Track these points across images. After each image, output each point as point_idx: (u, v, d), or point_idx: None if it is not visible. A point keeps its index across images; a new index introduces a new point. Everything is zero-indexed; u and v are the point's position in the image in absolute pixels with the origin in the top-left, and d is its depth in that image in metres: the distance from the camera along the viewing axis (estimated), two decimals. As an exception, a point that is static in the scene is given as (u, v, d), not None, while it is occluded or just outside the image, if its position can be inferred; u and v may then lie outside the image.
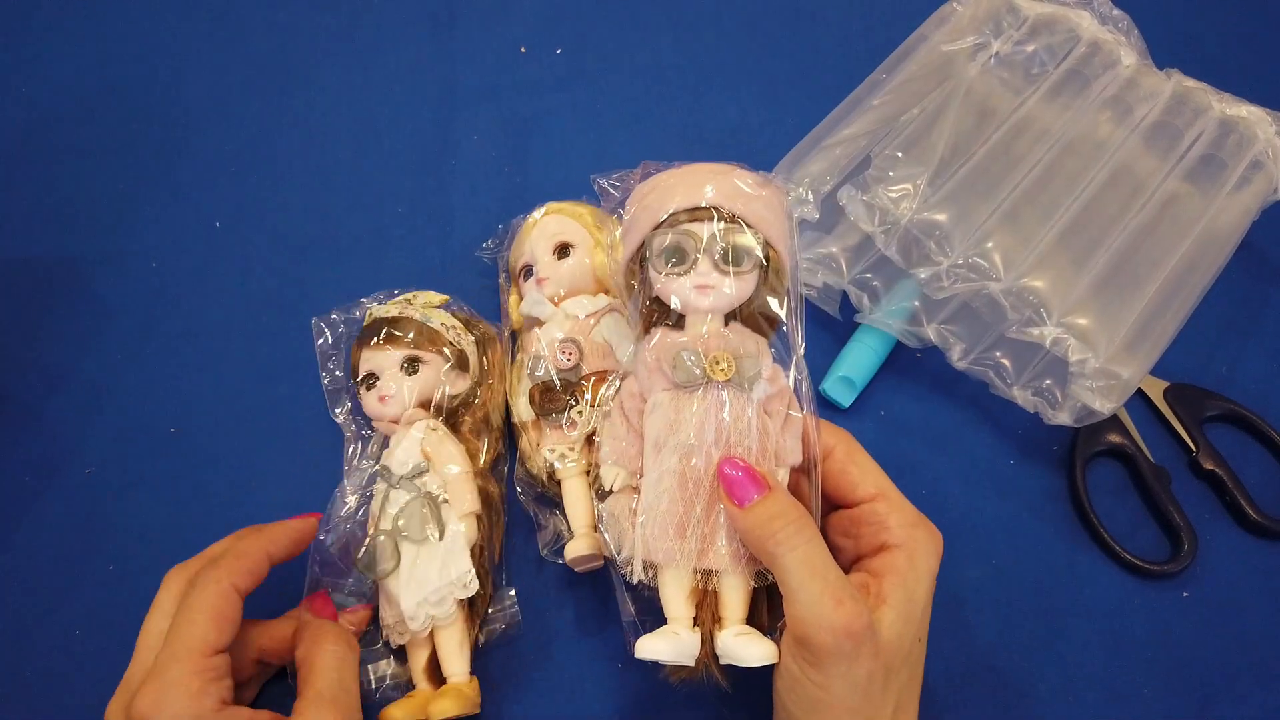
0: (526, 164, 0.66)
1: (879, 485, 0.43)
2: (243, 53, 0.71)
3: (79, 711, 0.48)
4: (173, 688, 0.37)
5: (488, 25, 0.72)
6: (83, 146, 0.66)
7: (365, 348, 0.51)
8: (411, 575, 0.46)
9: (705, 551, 0.40)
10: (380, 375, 0.50)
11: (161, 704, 0.37)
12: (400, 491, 0.47)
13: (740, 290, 0.42)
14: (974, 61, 0.59)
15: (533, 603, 0.50)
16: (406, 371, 0.50)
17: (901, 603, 0.39)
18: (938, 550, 0.42)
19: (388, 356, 0.50)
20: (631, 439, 0.42)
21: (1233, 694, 0.49)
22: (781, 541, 0.38)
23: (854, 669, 0.37)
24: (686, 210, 0.42)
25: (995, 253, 0.52)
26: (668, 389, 0.41)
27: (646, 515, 0.41)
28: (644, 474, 0.42)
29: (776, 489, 0.39)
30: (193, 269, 0.61)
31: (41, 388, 0.57)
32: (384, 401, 0.49)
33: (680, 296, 0.42)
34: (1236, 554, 0.53)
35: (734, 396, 0.41)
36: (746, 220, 0.42)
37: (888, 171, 0.54)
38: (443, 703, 0.44)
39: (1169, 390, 0.57)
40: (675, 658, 0.40)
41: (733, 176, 0.43)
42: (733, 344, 0.41)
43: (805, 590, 0.37)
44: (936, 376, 0.58)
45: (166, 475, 0.54)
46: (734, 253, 0.41)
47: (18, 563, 0.52)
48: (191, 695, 0.37)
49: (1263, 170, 0.57)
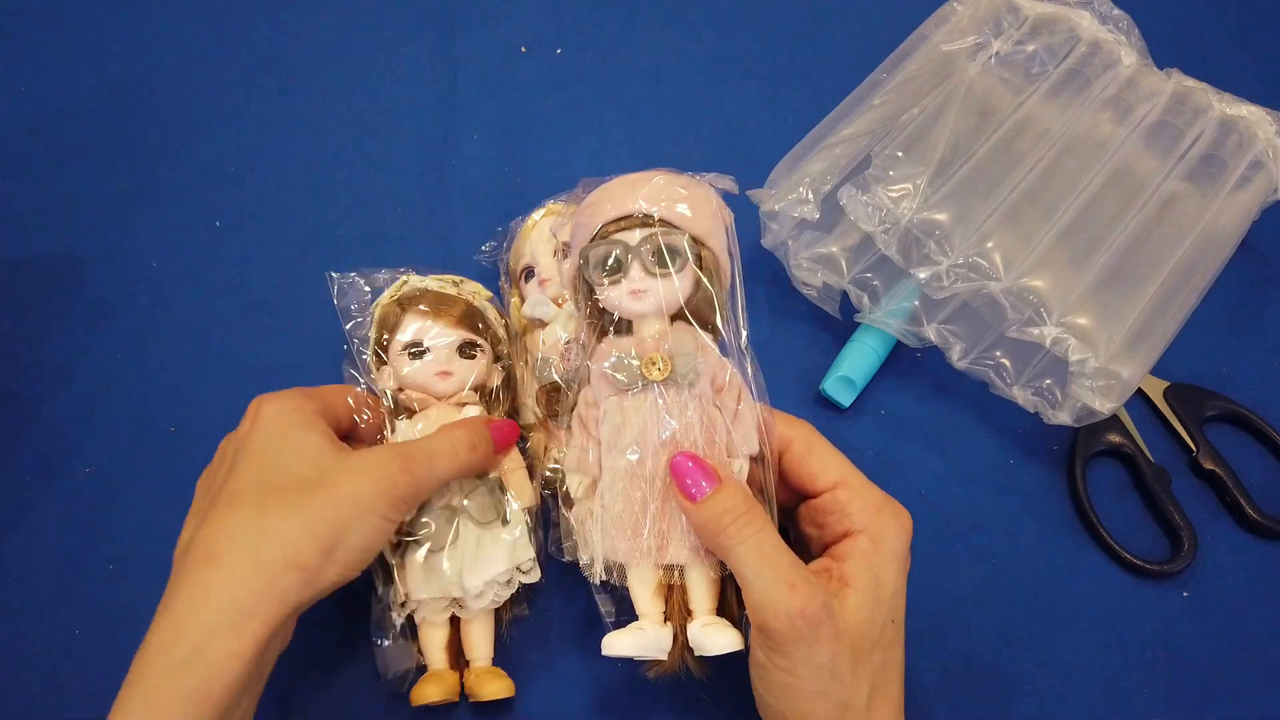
0: (526, 164, 0.66)
1: (840, 473, 0.43)
2: (243, 53, 0.71)
3: (79, 711, 0.48)
4: (287, 393, 0.44)
5: (488, 25, 0.73)
6: (83, 146, 0.66)
7: (412, 312, 0.49)
8: (477, 556, 0.46)
9: (664, 547, 0.41)
10: (432, 348, 0.48)
11: (272, 398, 0.43)
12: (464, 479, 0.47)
13: (673, 290, 0.42)
14: (974, 61, 0.59)
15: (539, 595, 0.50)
16: (464, 355, 0.49)
17: (867, 585, 0.40)
18: (905, 531, 0.42)
19: (442, 333, 0.49)
20: (590, 446, 0.43)
21: (1233, 694, 0.49)
22: (733, 534, 0.39)
23: (815, 652, 0.38)
24: (615, 220, 0.43)
25: (995, 252, 0.52)
26: (613, 394, 0.42)
27: (603, 516, 0.42)
28: (600, 477, 0.43)
29: (727, 481, 0.40)
30: (193, 269, 0.61)
31: (41, 388, 0.57)
32: (445, 377, 0.48)
33: (617, 303, 0.43)
34: (1236, 554, 0.53)
35: (674, 394, 0.41)
36: (672, 221, 0.43)
37: (888, 171, 0.54)
38: (493, 685, 0.46)
39: (1169, 390, 0.57)
40: (642, 652, 0.41)
41: (657, 181, 0.44)
42: (673, 342, 0.42)
43: (758, 578, 0.38)
44: (936, 376, 0.58)
45: (166, 475, 0.54)
46: (663, 255, 0.42)
47: (18, 563, 0.52)
48: (298, 396, 0.43)
49: (1263, 170, 0.57)
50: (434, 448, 0.43)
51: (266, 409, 0.42)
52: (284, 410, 0.42)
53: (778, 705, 0.39)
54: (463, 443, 0.44)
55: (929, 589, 0.51)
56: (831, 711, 0.38)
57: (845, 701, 0.38)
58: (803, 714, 0.39)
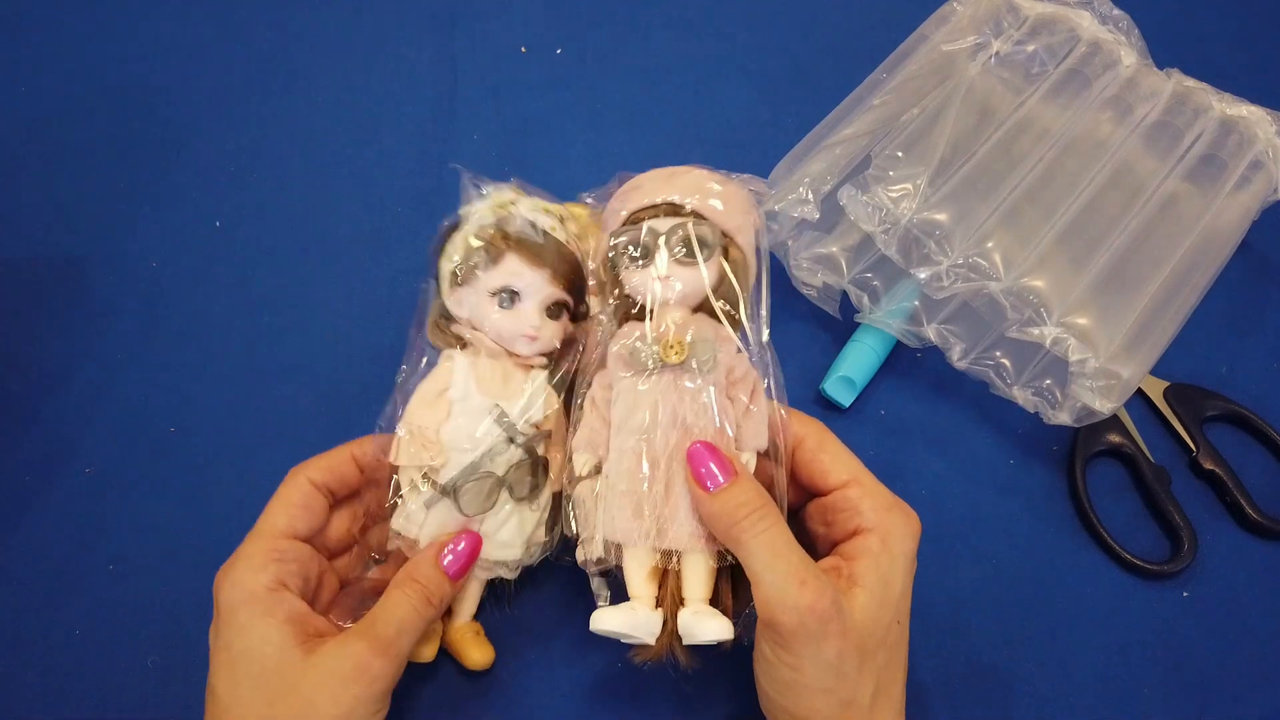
0: (526, 164, 0.66)
1: (851, 471, 0.43)
2: (243, 53, 0.71)
3: (79, 711, 0.48)
4: (240, 560, 0.41)
5: (488, 25, 0.73)
6: (83, 146, 0.66)
7: (516, 254, 0.44)
8: (504, 527, 0.44)
9: (665, 531, 0.41)
10: (524, 299, 0.44)
11: (229, 572, 0.41)
12: (515, 449, 0.44)
13: (698, 280, 0.43)
14: (974, 61, 0.59)
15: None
16: (550, 315, 0.45)
17: (875, 585, 0.40)
18: (914, 533, 0.42)
19: (545, 285, 0.44)
20: (600, 426, 0.43)
21: (1233, 694, 0.49)
22: (746, 528, 0.39)
23: (822, 649, 0.37)
24: (648, 207, 0.44)
25: (995, 252, 0.52)
26: (628, 375, 0.42)
27: (607, 495, 0.42)
28: (606, 458, 0.43)
29: (742, 474, 0.40)
30: (193, 269, 0.61)
31: (41, 388, 0.57)
32: (530, 341, 0.44)
33: (642, 289, 0.43)
34: (1236, 554, 0.53)
35: (689, 380, 0.42)
36: (705, 214, 0.43)
37: (888, 171, 0.54)
38: (475, 654, 0.46)
39: (1169, 390, 0.57)
40: (628, 630, 0.41)
41: (693, 174, 0.44)
42: (694, 330, 0.42)
43: (769, 572, 0.38)
44: (936, 376, 0.58)
45: (166, 475, 0.54)
46: (691, 244, 0.42)
47: (18, 563, 0.52)
48: (253, 569, 0.41)
49: (1263, 170, 0.57)
50: (397, 615, 0.41)
51: (222, 598, 0.40)
52: (236, 602, 0.40)
53: (781, 701, 0.40)
54: (419, 598, 0.41)
55: (929, 589, 0.51)
56: (835, 709, 0.38)
57: (849, 700, 0.38)
58: (806, 711, 0.39)
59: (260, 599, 0.40)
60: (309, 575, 0.43)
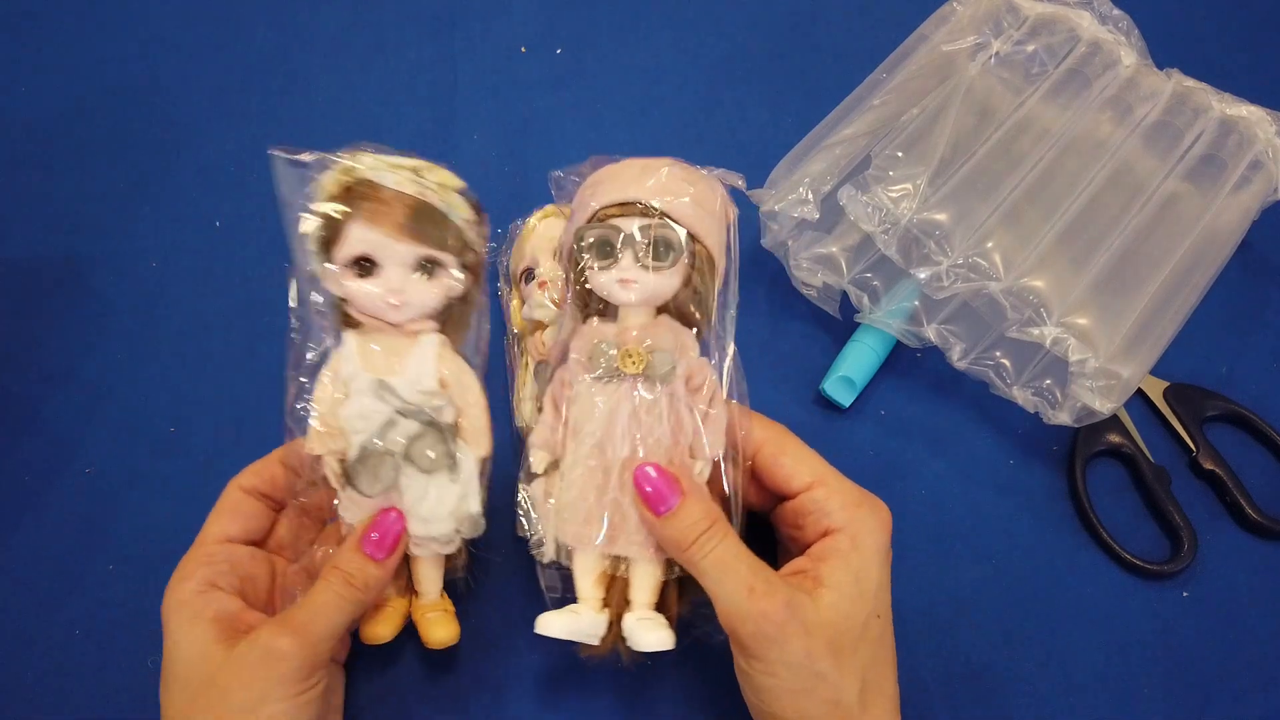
0: (526, 164, 0.66)
1: (815, 473, 0.43)
2: (243, 53, 0.71)
3: (79, 711, 0.48)
4: (175, 572, 0.43)
5: (488, 25, 0.73)
6: (83, 146, 0.66)
7: (360, 219, 0.41)
8: (423, 501, 0.43)
9: (615, 539, 0.41)
10: (383, 265, 0.41)
11: (168, 586, 0.42)
12: (409, 421, 0.43)
13: (663, 284, 0.42)
14: (974, 61, 0.59)
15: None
16: (424, 273, 0.42)
17: (845, 583, 0.40)
18: (885, 526, 0.42)
19: (396, 245, 0.41)
20: (557, 426, 0.43)
21: (1233, 694, 0.49)
22: (695, 550, 0.39)
23: (786, 650, 0.38)
24: (615, 205, 0.42)
25: (995, 253, 0.52)
26: (586, 378, 0.42)
27: (559, 499, 0.42)
28: (563, 457, 0.43)
29: (690, 493, 0.40)
30: (193, 269, 0.61)
31: (41, 388, 0.57)
32: (395, 308, 0.42)
33: (605, 289, 0.42)
34: (1236, 554, 0.53)
35: (646, 389, 0.41)
36: (672, 215, 0.42)
37: (888, 171, 0.54)
38: (439, 633, 0.45)
39: (1169, 390, 0.57)
40: (574, 636, 0.41)
41: (664, 172, 0.43)
42: (654, 337, 0.42)
43: (721, 588, 0.39)
44: (936, 376, 0.58)
45: (166, 475, 0.54)
46: (657, 247, 0.42)
47: (18, 563, 0.52)
48: (183, 577, 0.42)
49: (1263, 170, 0.57)
50: (315, 600, 0.41)
51: (161, 611, 0.42)
52: (169, 612, 0.41)
53: (767, 708, 0.40)
54: (339, 582, 0.41)
55: (929, 589, 0.51)
56: (822, 709, 0.38)
57: (834, 699, 0.38)
58: (794, 714, 0.39)
59: (188, 603, 0.41)
60: (249, 574, 0.44)
